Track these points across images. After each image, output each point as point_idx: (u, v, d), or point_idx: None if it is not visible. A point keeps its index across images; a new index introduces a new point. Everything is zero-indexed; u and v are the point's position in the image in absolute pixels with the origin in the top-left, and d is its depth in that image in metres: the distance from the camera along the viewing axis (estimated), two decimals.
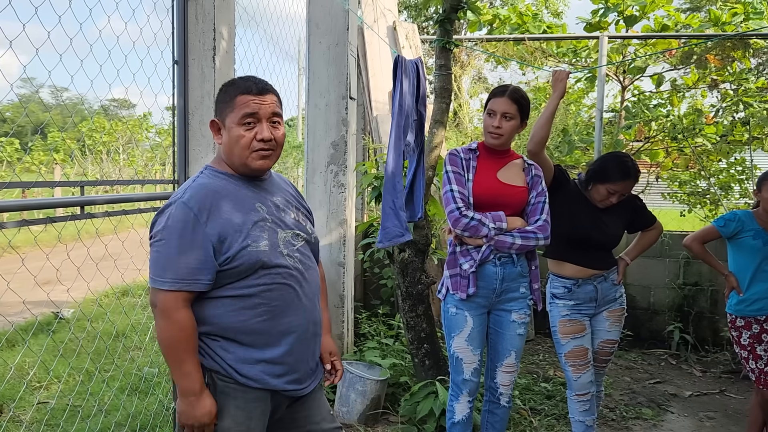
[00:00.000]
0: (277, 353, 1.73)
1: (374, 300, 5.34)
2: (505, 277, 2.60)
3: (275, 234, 1.74)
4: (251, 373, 1.70)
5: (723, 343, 5.24)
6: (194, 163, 2.87)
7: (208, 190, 1.69)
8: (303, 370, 1.82)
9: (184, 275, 1.59)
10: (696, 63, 6.58)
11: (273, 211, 1.78)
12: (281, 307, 1.72)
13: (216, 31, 2.86)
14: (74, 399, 3.75)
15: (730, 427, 3.80)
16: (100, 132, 16.70)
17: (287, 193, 1.91)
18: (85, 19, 2.32)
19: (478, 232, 2.53)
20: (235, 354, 1.70)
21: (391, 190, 3.12)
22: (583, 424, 2.91)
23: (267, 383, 1.73)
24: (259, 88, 1.71)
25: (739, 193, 6.78)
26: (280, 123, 1.75)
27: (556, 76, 2.86)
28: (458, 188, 2.59)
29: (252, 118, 1.69)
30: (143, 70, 2.69)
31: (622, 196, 2.86)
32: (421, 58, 3.43)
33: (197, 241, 1.61)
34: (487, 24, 7.61)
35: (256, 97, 1.69)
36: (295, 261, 1.77)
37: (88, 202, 2.40)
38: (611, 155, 2.91)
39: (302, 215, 1.92)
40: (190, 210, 1.63)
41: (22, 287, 2.57)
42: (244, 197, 1.73)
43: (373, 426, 3.61)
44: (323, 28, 4.16)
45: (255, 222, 1.70)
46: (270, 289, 1.70)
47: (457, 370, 2.72)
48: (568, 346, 2.86)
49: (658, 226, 3.06)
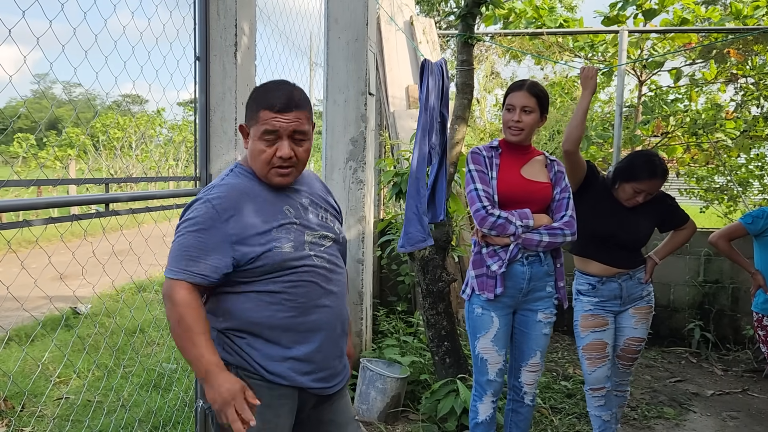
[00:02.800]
0: (304, 350, 1.72)
1: (391, 297, 5.33)
2: (532, 277, 2.57)
3: (302, 236, 1.73)
4: (279, 370, 1.69)
5: (744, 342, 5.18)
6: (216, 159, 2.86)
7: (235, 191, 1.69)
8: (330, 368, 1.80)
9: (193, 269, 1.60)
10: (715, 57, 6.48)
11: (301, 213, 1.77)
12: (308, 304, 1.71)
13: (237, 27, 2.84)
14: (96, 395, 3.77)
15: (754, 427, 3.75)
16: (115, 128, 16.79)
17: (314, 193, 1.89)
18: (110, 15, 2.32)
19: (506, 230, 2.50)
20: (261, 351, 1.69)
21: (415, 194, 3.10)
22: (600, 418, 2.89)
23: (294, 380, 1.72)
24: (283, 104, 1.65)
25: (758, 189, 6.70)
26: (304, 140, 1.70)
27: (586, 73, 2.81)
28: (483, 186, 2.56)
29: (272, 135, 1.66)
30: (166, 67, 2.68)
31: (649, 196, 2.81)
32: (445, 59, 3.40)
33: (214, 240, 1.62)
34: (503, 18, 7.54)
35: (279, 115, 1.64)
36: (323, 261, 1.76)
37: (113, 199, 2.40)
38: (639, 153, 2.87)
39: (330, 215, 1.90)
40: (213, 208, 1.64)
41: (39, 282, 2.58)
42: (271, 199, 1.73)
43: (394, 424, 3.60)
44: (342, 23, 4.13)
45: (281, 224, 1.70)
46: (296, 286, 1.69)
47: (481, 371, 2.69)
48: (587, 339, 2.85)
49: (691, 225, 2.99)
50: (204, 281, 1.62)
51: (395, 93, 5.40)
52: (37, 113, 10.82)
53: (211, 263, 1.62)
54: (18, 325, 5.13)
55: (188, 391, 3.67)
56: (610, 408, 2.90)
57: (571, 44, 7.20)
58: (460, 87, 3.44)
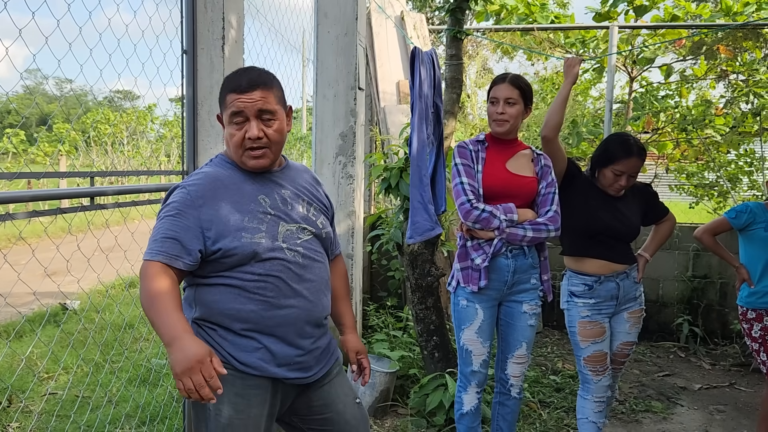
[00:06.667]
0: (274, 343, 1.72)
1: (381, 292, 5.33)
2: (516, 269, 2.58)
3: (275, 226, 1.73)
4: (249, 360, 1.70)
5: (732, 336, 5.21)
6: (203, 153, 2.85)
7: (210, 178, 1.72)
8: (305, 359, 1.79)
9: (167, 250, 1.61)
10: (706, 54, 6.51)
11: (278, 204, 1.77)
12: (277, 298, 1.71)
13: (225, 20, 2.83)
14: (83, 390, 3.75)
15: (741, 420, 3.78)
16: (106, 123, 16.69)
17: (300, 186, 1.88)
18: (95, 7, 2.30)
19: (490, 224, 2.51)
20: (232, 342, 1.71)
21: (418, 183, 3.08)
22: (595, 425, 2.85)
23: (266, 371, 1.72)
24: (247, 84, 1.66)
25: (747, 185, 6.74)
26: (273, 119, 1.70)
27: (569, 62, 2.82)
28: (468, 180, 2.56)
29: (240, 117, 1.68)
30: (152, 60, 2.66)
31: (632, 179, 2.75)
32: (435, 50, 3.39)
33: (186, 224, 1.64)
34: (494, 14, 7.54)
35: (242, 95, 1.66)
36: (296, 255, 1.75)
37: (98, 193, 2.39)
38: (611, 136, 2.83)
39: (314, 209, 1.89)
40: (188, 194, 1.67)
41: (27, 278, 2.56)
42: (246, 189, 1.74)
43: (383, 418, 3.60)
44: (332, 17, 4.12)
45: (253, 214, 1.70)
46: (264, 280, 1.69)
47: (466, 361, 2.70)
48: (588, 350, 2.76)
49: (671, 217, 2.99)
50: (177, 262, 1.61)
51: (386, 88, 5.39)
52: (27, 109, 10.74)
53: (186, 246, 1.63)
54: (6, 321, 5.10)
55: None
56: (605, 415, 2.89)
57: (562, 40, 7.22)
58: (450, 81, 3.44)
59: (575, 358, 2.87)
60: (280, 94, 1.75)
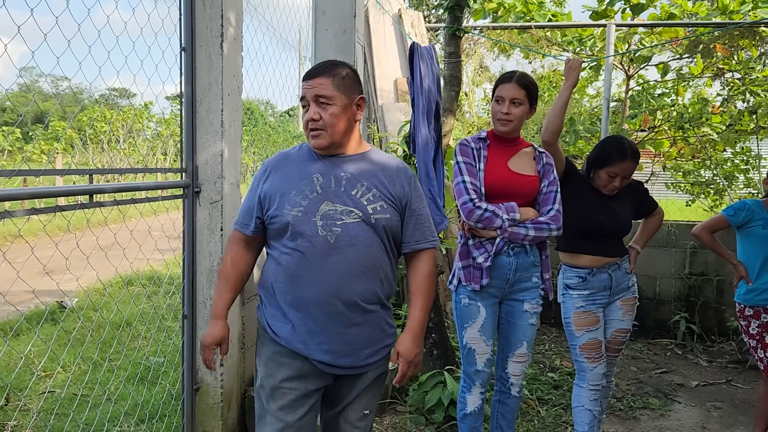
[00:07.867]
0: (297, 318, 1.81)
1: None
2: (518, 267, 2.58)
3: (318, 204, 1.80)
4: (280, 331, 1.84)
5: (729, 333, 5.24)
6: (202, 151, 2.84)
7: (282, 155, 1.96)
8: (333, 343, 1.80)
9: (240, 219, 1.94)
10: (702, 52, 6.53)
11: (330, 184, 1.83)
12: (298, 275, 1.80)
13: (224, 17, 2.82)
14: (81, 388, 3.75)
15: (738, 416, 3.80)
16: (102, 122, 16.64)
17: (367, 171, 1.86)
18: (93, 4, 2.29)
19: (492, 223, 2.51)
20: (269, 309, 1.89)
21: (425, 178, 3.09)
22: (591, 413, 2.89)
23: (291, 344, 1.82)
24: (312, 72, 1.85)
25: (743, 183, 6.76)
26: (328, 104, 1.82)
27: (570, 65, 2.81)
28: (470, 179, 2.56)
29: (305, 101, 1.85)
30: (151, 57, 2.65)
31: (625, 180, 2.82)
32: (434, 47, 3.39)
33: (252, 195, 1.92)
34: (492, 12, 7.55)
35: (306, 82, 1.85)
36: (329, 234, 1.77)
37: (97, 190, 2.37)
38: (607, 139, 2.89)
39: (373, 195, 1.83)
40: (261, 168, 1.96)
41: (26, 276, 2.56)
42: (307, 167, 1.87)
43: (381, 416, 3.61)
44: (330, 15, 4.11)
45: (301, 189, 1.82)
46: (290, 254, 1.81)
47: (469, 361, 2.69)
48: (583, 338, 2.82)
49: (660, 211, 3.06)
50: (246, 229, 1.91)
51: (383, 86, 5.39)
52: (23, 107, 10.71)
53: (252, 213, 1.90)
54: (4, 319, 5.09)
55: (175, 384, 3.66)
56: (601, 402, 2.91)
57: (559, 38, 7.23)
58: (448, 79, 3.44)
59: (570, 348, 2.92)
60: (342, 82, 1.84)
